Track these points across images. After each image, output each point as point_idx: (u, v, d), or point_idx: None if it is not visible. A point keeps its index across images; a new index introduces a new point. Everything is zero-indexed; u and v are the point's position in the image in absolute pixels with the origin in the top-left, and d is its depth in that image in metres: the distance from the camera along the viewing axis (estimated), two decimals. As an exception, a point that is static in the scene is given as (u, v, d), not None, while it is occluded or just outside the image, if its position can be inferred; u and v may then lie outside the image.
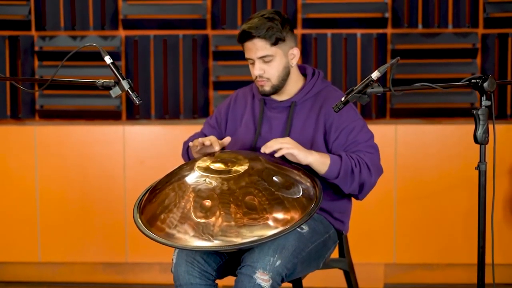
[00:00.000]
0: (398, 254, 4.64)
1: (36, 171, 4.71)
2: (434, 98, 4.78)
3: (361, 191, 2.97)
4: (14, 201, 4.75)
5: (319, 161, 2.86)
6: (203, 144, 2.96)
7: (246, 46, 2.99)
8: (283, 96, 3.08)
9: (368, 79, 2.56)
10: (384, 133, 4.55)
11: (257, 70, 2.98)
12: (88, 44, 2.75)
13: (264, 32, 2.92)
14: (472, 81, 2.60)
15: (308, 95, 3.06)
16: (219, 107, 3.27)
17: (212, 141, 2.96)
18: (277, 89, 3.03)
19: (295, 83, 3.08)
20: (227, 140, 3.03)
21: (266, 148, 2.83)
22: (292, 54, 3.03)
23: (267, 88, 3.01)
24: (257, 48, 2.94)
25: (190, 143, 3.03)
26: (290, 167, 2.84)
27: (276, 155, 2.82)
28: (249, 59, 3.00)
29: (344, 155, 2.90)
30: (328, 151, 2.99)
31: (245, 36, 2.95)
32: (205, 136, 3.22)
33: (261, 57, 2.95)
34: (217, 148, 2.96)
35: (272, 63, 2.97)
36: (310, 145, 2.97)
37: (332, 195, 3.02)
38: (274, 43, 2.94)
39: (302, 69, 3.15)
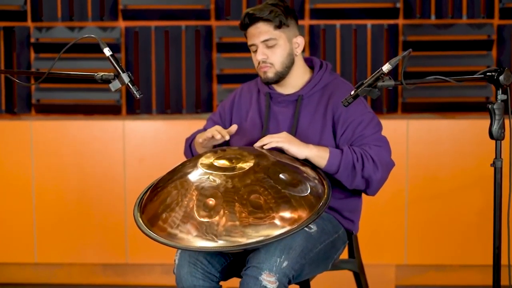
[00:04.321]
0: (410, 254, 4.64)
1: (32, 168, 4.72)
2: (448, 92, 4.78)
3: (368, 187, 2.96)
4: (9, 199, 4.76)
5: (317, 155, 2.87)
6: (212, 137, 2.97)
7: (249, 33, 3.02)
8: (289, 90, 3.08)
9: (378, 72, 2.56)
10: (396, 128, 4.55)
11: (259, 55, 3.00)
12: (87, 35, 2.76)
13: (267, 14, 2.96)
14: (487, 74, 2.60)
15: (316, 88, 3.06)
16: (223, 103, 3.28)
17: (219, 130, 2.98)
18: (280, 77, 3.03)
19: (302, 75, 3.09)
20: (234, 128, 3.05)
21: (259, 143, 2.87)
22: (297, 42, 3.04)
23: (270, 74, 3.02)
24: (260, 31, 2.98)
25: (200, 139, 3.04)
26: (298, 163, 2.85)
27: (265, 147, 2.86)
28: (252, 45, 3.03)
29: (346, 148, 2.90)
30: (336, 145, 2.99)
31: (248, 19, 2.99)
32: None
33: (264, 41, 2.98)
34: (227, 137, 2.99)
35: (275, 48, 2.99)
36: (318, 140, 2.98)
37: (342, 193, 3.02)
38: (278, 26, 2.97)
39: (309, 62, 3.15)
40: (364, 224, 3.32)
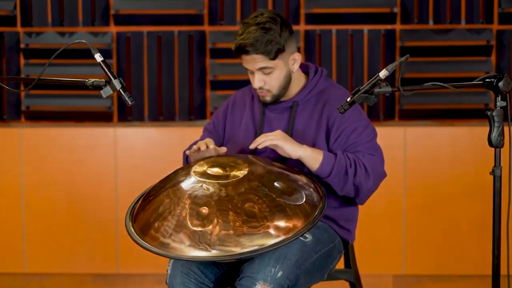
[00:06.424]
0: (408, 264, 4.64)
1: (21, 176, 4.71)
2: (446, 99, 4.79)
3: (357, 195, 2.96)
4: (-2, 208, 4.76)
5: (310, 156, 2.86)
6: (199, 149, 2.96)
7: (243, 58, 2.97)
8: (285, 96, 3.08)
9: (375, 78, 2.56)
10: (393, 135, 4.55)
11: (257, 82, 2.97)
12: (77, 41, 2.75)
13: (263, 48, 2.89)
14: (486, 80, 2.60)
15: (311, 94, 3.06)
16: (217, 111, 3.28)
17: (207, 143, 2.96)
18: (278, 98, 3.03)
19: (297, 82, 3.08)
20: (222, 150, 3.01)
21: (253, 144, 2.86)
22: (293, 59, 3.02)
23: (268, 98, 3.02)
24: (256, 61, 2.93)
25: (188, 151, 3.03)
26: (293, 171, 2.84)
27: (260, 146, 2.85)
28: (247, 69, 3.00)
29: (339, 153, 2.90)
30: (329, 151, 2.99)
31: (241, 52, 2.94)
32: None
33: (261, 69, 2.95)
34: (213, 152, 2.96)
35: (272, 74, 2.96)
36: (311, 145, 2.97)
37: (338, 202, 3.02)
38: (274, 57, 2.93)
39: (304, 67, 3.14)
40: (360, 233, 3.32)
